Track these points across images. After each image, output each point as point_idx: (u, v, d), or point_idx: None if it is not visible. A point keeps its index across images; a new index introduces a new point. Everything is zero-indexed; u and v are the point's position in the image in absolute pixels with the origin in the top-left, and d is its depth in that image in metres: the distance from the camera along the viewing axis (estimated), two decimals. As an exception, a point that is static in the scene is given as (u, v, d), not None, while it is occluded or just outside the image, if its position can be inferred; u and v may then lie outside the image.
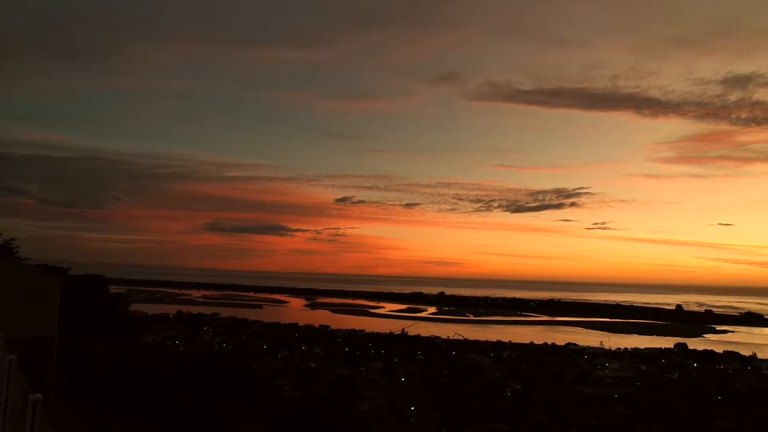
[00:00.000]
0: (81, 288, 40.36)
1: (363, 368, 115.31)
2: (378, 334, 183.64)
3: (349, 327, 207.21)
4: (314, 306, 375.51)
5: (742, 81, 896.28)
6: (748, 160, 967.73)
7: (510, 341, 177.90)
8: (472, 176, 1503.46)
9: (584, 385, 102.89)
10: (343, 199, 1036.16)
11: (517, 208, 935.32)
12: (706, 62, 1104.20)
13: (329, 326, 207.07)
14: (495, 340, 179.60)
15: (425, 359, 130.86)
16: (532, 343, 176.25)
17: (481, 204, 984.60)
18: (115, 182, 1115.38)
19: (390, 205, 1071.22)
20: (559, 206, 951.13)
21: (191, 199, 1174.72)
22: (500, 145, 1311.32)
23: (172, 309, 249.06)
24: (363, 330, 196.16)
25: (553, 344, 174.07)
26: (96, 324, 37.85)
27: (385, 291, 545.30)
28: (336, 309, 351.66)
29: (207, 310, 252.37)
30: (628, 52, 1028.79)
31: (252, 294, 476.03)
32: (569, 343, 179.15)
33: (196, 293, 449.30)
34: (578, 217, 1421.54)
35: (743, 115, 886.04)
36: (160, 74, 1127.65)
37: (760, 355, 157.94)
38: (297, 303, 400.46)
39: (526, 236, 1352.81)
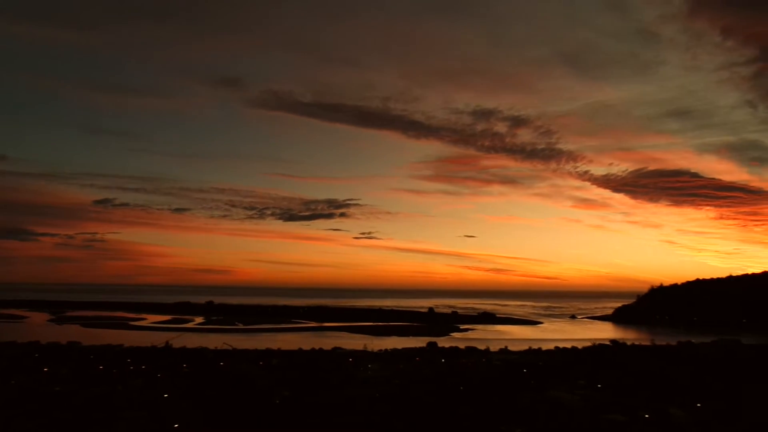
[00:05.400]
0: None
1: (120, 387, 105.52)
2: (139, 348, 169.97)
3: (105, 342, 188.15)
4: (62, 320, 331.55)
5: (486, 114, 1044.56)
6: (489, 181, 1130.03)
7: (279, 348, 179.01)
8: (247, 183, 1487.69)
9: (350, 386, 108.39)
10: (103, 201, 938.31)
11: (290, 216, 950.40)
12: (460, 95, 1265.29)
13: (80, 342, 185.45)
14: (264, 348, 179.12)
15: (191, 372, 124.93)
16: (300, 349, 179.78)
17: (254, 211, 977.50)
18: None
19: (158, 209, 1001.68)
20: (330, 216, 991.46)
21: None
22: (277, 154, 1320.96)
23: None
24: (121, 345, 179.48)
25: (321, 349, 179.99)
26: None
27: (148, 301, 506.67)
28: (89, 323, 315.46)
29: None
30: (399, 78, 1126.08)
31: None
32: (336, 348, 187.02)
33: None
34: (347, 226, 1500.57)
35: (486, 143, 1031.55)
36: None
37: (492, 349, 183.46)
38: (39, 318, 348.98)
39: (297, 244, 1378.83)
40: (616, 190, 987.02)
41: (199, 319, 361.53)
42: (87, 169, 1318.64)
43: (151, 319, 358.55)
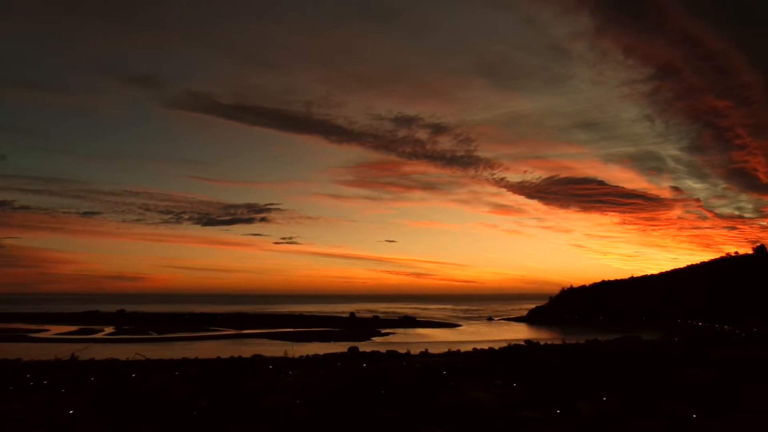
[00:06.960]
0: None
1: (18, 405, 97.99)
2: (40, 361, 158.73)
3: (0, 357, 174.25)
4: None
5: (408, 121, 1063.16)
6: (409, 187, 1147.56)
7: (196, 357, 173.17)
8: (163, 186, 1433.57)
9: (270, 394, 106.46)
10: (0, 204, 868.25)
11: (208, 221, 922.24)
12: (382, 102, 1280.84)
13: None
14: (180, 358, 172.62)
15: (100, 385, 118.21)
16: (219, 357, 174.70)
17: (170, 215, 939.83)
18: None
19: (64, 213, 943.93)
20: (250, 221, 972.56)
21: None
22: (195, 157, 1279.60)
23: None
24: (20, 359, 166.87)
25: (240, 357, 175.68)
26: None
27: (51, 311, 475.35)
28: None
29: None
30: (321, 83, 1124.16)
31: None
32: (255, 355, 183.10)
33: None
34: (268, 231, 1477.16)
35: (407, 150, 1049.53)
36: None
37: (412, 352, 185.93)
38: None
39: (216, 250, 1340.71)
40: (530, 196, 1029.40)
41: (110, 329, 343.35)
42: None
43: (55, 330, 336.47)
